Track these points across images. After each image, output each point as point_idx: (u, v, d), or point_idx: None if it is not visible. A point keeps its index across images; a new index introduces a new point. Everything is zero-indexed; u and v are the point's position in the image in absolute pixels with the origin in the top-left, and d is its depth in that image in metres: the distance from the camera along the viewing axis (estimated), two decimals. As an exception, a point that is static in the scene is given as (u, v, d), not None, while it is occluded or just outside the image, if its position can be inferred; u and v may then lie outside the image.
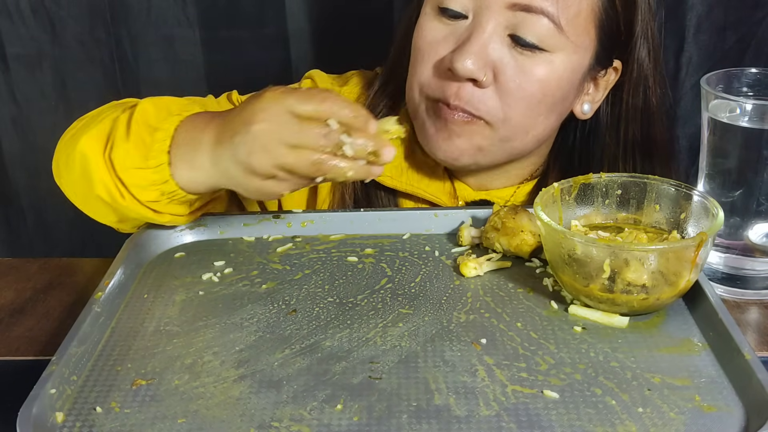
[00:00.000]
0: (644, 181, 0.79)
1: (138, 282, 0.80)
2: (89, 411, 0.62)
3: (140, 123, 0.80)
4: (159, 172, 0.78)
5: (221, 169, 0.75)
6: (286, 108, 0.71)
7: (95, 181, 0.80)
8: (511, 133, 0.90)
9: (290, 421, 0.60)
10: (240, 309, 0.75)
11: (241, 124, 0.73)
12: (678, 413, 0.61)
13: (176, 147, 0.78)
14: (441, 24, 0.89)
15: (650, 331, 0.70)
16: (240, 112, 0.75)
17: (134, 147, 0.79)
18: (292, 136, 0.71)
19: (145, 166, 0.78)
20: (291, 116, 0.71)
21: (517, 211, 0.82)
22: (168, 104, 0.84)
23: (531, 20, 0.85)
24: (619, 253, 0.69)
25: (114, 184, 0.79)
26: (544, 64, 0.87)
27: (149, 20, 1.33)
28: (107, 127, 0.82)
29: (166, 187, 0.78)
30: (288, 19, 1.32)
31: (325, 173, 0.72)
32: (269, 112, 0.72)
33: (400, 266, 0.81)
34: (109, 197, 0.80)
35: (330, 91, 0.74)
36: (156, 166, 0.78)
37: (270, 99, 0.73)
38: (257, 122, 0.72)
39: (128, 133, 0.79)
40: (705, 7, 1.26)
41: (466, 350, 0.68)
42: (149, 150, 0.78)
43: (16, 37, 1.35)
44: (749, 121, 0.79)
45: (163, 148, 0.78)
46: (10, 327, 0.80)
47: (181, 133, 0.78)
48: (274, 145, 0.71)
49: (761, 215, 0.81)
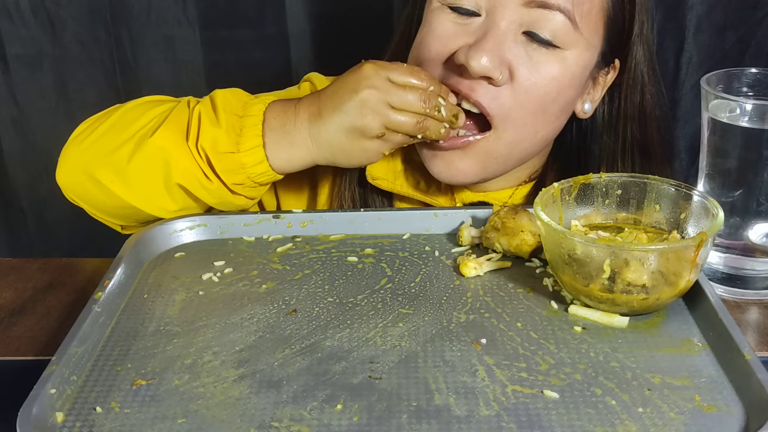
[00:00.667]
0: (644, 181, 0.79)
1: (138, 282, 0.80)
2: (89, 411, 0.62)
3: (228, 111, 0.86)
4: (252, 155, 0.85)
5: (323, 140, 0.84)
6: (387, 75, 0.82)
7: (177, 168, 0.85)
8: (517, 135, 0.90)
9: (290, 421, 0.60)
10: (240, 309, 0.75)
11: (346, 92, 0.83)
12: (678, 413, 0.61)
13: (269, 130, 0.85)
14: (451, 21, 0.89)
15: (650, 331, 0.70)
16: (341, 84, 0.84)
17: (225, 133, 0.85)
18: (398, 99, 0.82)
19: (236, 150, 0.85)
20: (391, 83, 0.82)
21: (517, 211, 0.82)
22: (241, 95, 0.90)
23: (547, 17, 0.85)
24: (619, 253, 0.69)
25: (201, 169, 0.85)
26: (558, 62, 0.87)
27: (149, 20, 1.33)
28: (182, 118, 0.87)
29: (257, 168, 0.85)
30: (288, 19, 1.32)
31: (426, 129, 0.84)
32: (372, 80, 0.82)
33: (400, 266, 0.81)
34: (195, 183, 0.86)
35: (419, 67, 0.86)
36: (249, 149, 0.85)
37: (371, 69, 0.82)
38: (364, 88, 0.81)
39: (218, 120, 0.86)
40: (705, 7, 1.26)
41: (466, 350, 0.68)
42: (240, 135, 0.85)
43: (16, 37, 1.35)
44: (749, 121, 0.79)
45: (256, 132, 0.85)
46: (10, 327, 0.80)
47: (270, 118, 0.86)
48: (382, 107, 0.81)
49: (761, 215, 0.81)
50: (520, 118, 0.88)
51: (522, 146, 0.92)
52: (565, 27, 0.85)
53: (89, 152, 0.89)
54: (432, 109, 0.83)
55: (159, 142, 0.85)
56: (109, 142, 0.88)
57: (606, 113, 0.97)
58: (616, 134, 0.97)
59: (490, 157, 0.91)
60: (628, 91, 0.96)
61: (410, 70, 0.83)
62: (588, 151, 0.98)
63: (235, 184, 0.86)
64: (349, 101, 0.82)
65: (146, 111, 0.89)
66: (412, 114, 0.82)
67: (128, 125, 0.88)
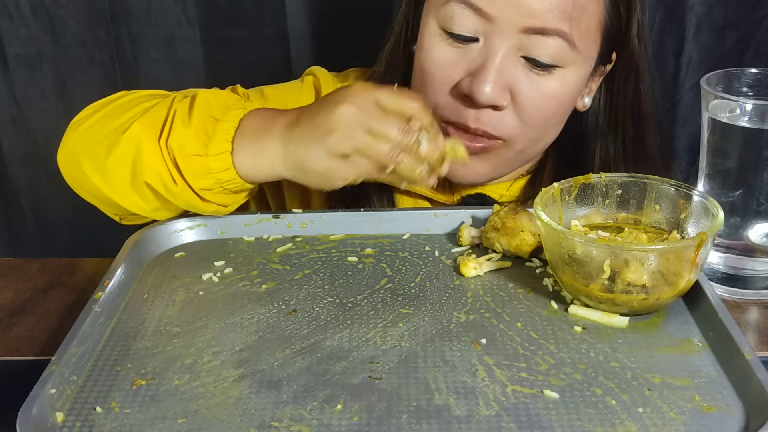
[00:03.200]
0: (644, 181, 0.79)
1: (138, 282, 0.80)
2: (89, 411, 0.62)
3: (202, 112, 0.82)
4: (220, 160, 0.80)
5: (290, 151, 0.79)
6: (375, 98, 0.76)
7: (145, 167, 0.81)
8: (526, 145, 0.93)
9: (290, 421, 0.60)
10: (240, 309, 0.75)
11: (326, 105, 0.77)
12: (678, 413, 0.61)
13: (240, 136, 0.81)
14: (450, 47, 0.88)
15: (650, 331, 0.70)
16: (327, 98, 0.79)
17: (195, 135, 0.81)
18: (376, 124, 0.75)
19: (204, 154, 0.80)
20: (377, 106, 0.76)
21: (517, 211, 0.82)
22: (226, 98, 0.86)
23: (545, 42, 0.85)
24: (619, 253, 0.69)
25: (168, 170, 0.81)
26: (558, 80, 0.88)
27: (149, 20, 1.33)
28: (161, 115, 0.83)
29: (224, 175, 0.81)
30: (288, 19, 1.32)
31: (397, 164, 0.76)
32: (358, 98, 0.76)
33: (400, 266, 0.81)
34: (159, 183, 0.81)
35: (417, 95, 0.78)
36: (217, 153, 0.80)
37: (360, 88, 0.77)
38: (344, 103, 0.76)
39: (190, 121, 0.82)
40: (705, 7, 1.26)
41: (466, 350, 0.68)
42: (210, 138, 0.81)
43: (16, 37, 1.35)
44: (749, 121, 0.79)
45: (227, 137, 0.80)
46: (10, 327, 0.80)
47: (246, 124, 0.81)
48: (356, 127, 0.75)
49: (761, 215, 0.81)
50: (526, 132, 0.91)
51: (529, 151, 0.95)
52: (563, 49, 0.86)
53: (80, 140, 0.88)
54: (411, 142, 0.76)
55: (132, 137, 0.82)
56: (96, 133, 0.86)
57: (602, 101, 0.98)
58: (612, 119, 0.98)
59: (501, 159, 0.93)
60: (624, 77, 0.96)
61: (401, 96, 0.77)
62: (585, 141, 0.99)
63: (203, 189, 0.82)
64: (326, 114, 0.77)
65: (137, 105, 0.87)
66: (386, 141, 0.76)
67: (116, 118, 0.86)
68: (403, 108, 0.76)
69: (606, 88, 0.97)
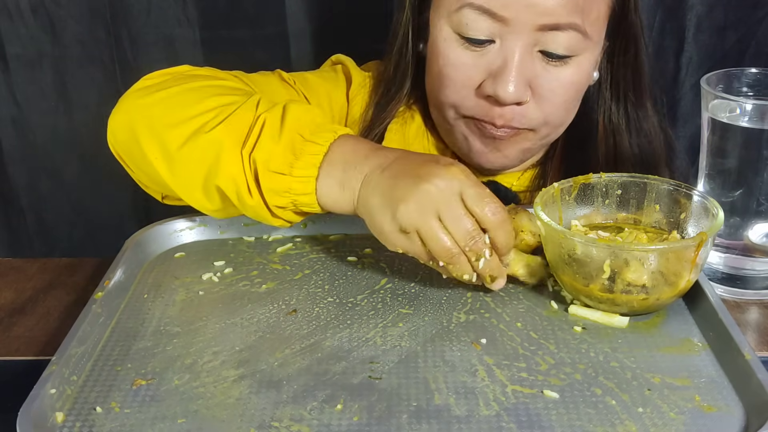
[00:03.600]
0: (644, 181, 0.79)
1: (138, 282, 0.80)
2: (89, 411, 0.62)
3: (292, 129, 0.78)
4: (303, 183, 0.77)
5: (365, 195, 0.75)
6: (463, 190, 0.72)
7: (222, 172, 0.78)
8: (551, 130, 0.96)
9: (290, 421, 0.60)
10: (240, 309, 0.75)
11: (415, 176, 0.73)
12: (678, 413, 0.61)
13: (329, 164, 0.77)
14: (467, 51, 0.90)
15: (650, 331, 0.70)
16: (419, 163, 0.74)
17: (282, 152, 0.77)
18: (449, 216, 0.71)
19: (288, 173, 0.77)
20: (460, 199, 0.72)
21: (517, 211, 0.82)
22: (315, 115, 0.82)
23: (559, 36, 0.88)
24: (619, 253, 0.69)
25: (245, 181, 0.78)
26: (574, 68, 0.91)
27: (149, 20, 1.33)
28: (246, 122, 0.79)
29: (304, 198, 0.78)
30: (288, 19, 1.32)
31: (449, 263, 0.72)
32: (447, 182, 0.72)
33: (400, 266, 0.81)
34: (234, 192, 0.78)
35: (502, 207, 0.73)
36: (302, 176, 0.77)
37: (456, 172, 0.72)
38: (429, 182, 0.71)
39: (280, 137, 0.78)
40: (705, 7, 1.26)
41: (466, 350, 0.68)
42: (297, 159, 0.77)
43: (16, 37, 1.34)
44: (749, 121, 0.79)
45: (315, 162, 0.77)
46: (10, 327, 0.80)
47: (337, 152, 0.77)
48: (428, 211, 0.71)
49: (761, 215, 0.81)
50: (550, 120, 0.94)
51: (553, 134, 0.98)
52: (576, 39, 0.88)
53: (144, 114, 0.83)
54: (472, 251, 0.72)
55: (214, 140, 0.78)
56: (166, 114, 0.82)
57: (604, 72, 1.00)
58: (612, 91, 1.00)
59: (528, 144, 0.97)
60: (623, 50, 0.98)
61: (489, 202, 0.72)
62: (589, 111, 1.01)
63: (277, 206, 0.79)
64: (412, 180, 0.72)
65: (213, 95, 0.83)
66: (449, 238, 0.71)
67: (190, 105, 0.81)
68: (484, 216, 0.72)
69: (608, 59, 0.99)
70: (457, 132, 0.96)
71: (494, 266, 0.73)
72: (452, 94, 0.92)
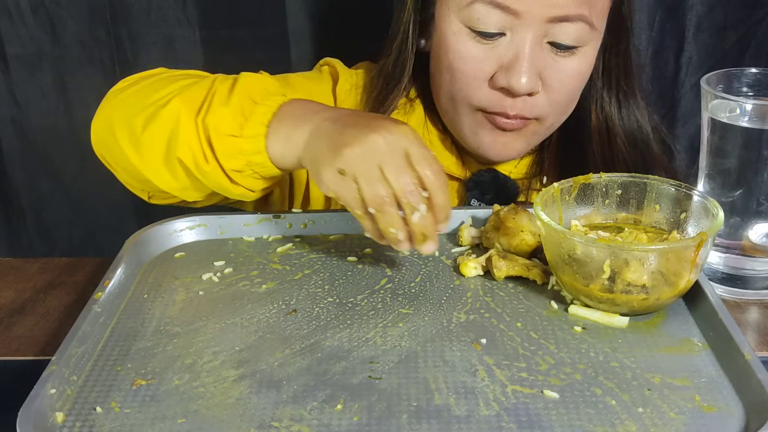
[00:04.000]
0: (644, 181, 0.79)
1: (138, 282, 0.80)
2: (89, 411, 0.62)
3: (242, 94, 0.83)
4: (253, 143, 0.80)
5: (311, 142, 0.78)
6: (407, 146, 0.73)
7: (180, 142, 0.82)
8: (556, 119, 0.99)
9: (290, 421, 0.60)
10: (240, 309, 0.75)
11: (367, 123, 0.75)
12: (678, 413, 0.61)
13: (277, 121, 0.81)
14: (478, 44, 0.92)
15: (650, 331, 0.70)
16: (375, 117, 0.79)
17: (232, 115, 0.81)
18: (391, 167, 0.72)
19: (239, 135, 0.81)
20: (405, 155, 0.73)
21: (517, 211, 0.82)
22: (268, 84, 0.86)
23: (568, 27, 0.90)
24: (619, 253, 0.69)
25: (201, 147, 0.81)
26: (580, 59, 0.93)
27: (149, 20, 1.33)
28: (201, 93, 0.84)
29: (256, 158, 0.81)
30: (288, 19, 1.32)
31: (379, 211, 0.73)
32: (395, 137, 0.73)
33: (400, 266, 0.81)
34: (191, 160, 0.82)
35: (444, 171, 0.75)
36: (251, 135, 0.80)
37: (405, 130, 0.75)
38: (378, 133, 0.73)
39: (229, 100, 0.82)
40: (705, 7, 1.27)
41: (466, 350, 0.68)
42: (247, 120, 0.81)
43: (16, 37, 1.35)
44: (749, 121, 0.79)
45: (263, 120, 0.81)
46: (10, 327, 0.80)
47: (285, 111, 0.81)
48: (371, 158, 0.73)
49: (761, 215, 0.81)
50: (556, 109, 0.97)
51: (557, 123, 1.00)
52: (584, 31, 0.91)
53: (117, 110, 0.88)
54: (408, 205, 0.73)
55: (172, 111, 0.82)
56: (134, 104, 0.86)
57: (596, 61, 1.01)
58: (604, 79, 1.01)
59: (534, 135, 0.99)
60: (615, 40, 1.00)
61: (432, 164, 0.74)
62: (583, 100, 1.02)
63: (233, 170, 0.82)
64: (360, 130, 0.74)
65: (177, 81, 0.87)
66: (386, 186, 0.72)
67: (155, 91, 0.86)
68: (425, 175, 0.73)
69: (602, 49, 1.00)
70: (466, 124, 0.98)
71: (428, 225, 0.73)
72: (464, 86, 0.94)
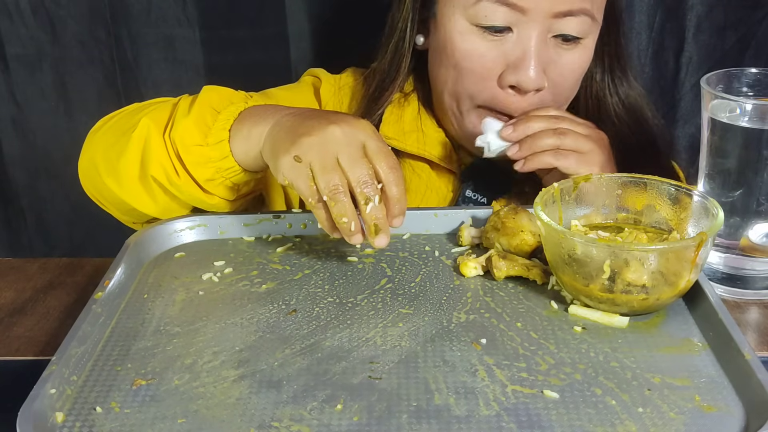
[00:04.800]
0: (644, 181, 0.79)
1: (138, 282, 0.80)
2: (89, 411, 0.62)
3: (204, 105, 0.86)
4: (218, 149, 0.83)
5: (271, 134, 0.79)
6: (364, 139, 0.75)
7: (152, 160, 0.84)
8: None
9: (290, 421, 0.60)
10: (240, 309, 0.75)
11: (326, 116, 0.78)
12: (678, 413, 0.61)
13: (238, 123, 0.83)
14: (485, 41, 0.92)
15: (650, 331, 0.70)
16: (331, 113, 0.81)
17: (195, 125, 0.84)
18: (347, 157, 0.74)
19: (204, 143, 0.83)
20: (361, 147, 0.75)
21: (517, 211, 0.82)
22: (230, 95, 0.90)
23: (572, 21, 0.92)
24: (619, 253, 0.69)
25: (171, 162, 0.84)
26: (582, 50, 0.95)
27: (149, 20, 1.33)
28: (167, 111, 0.87)
29: (224, 163, 0.83)
30: (288, 19, 1.32)
31: (332, 200, 0.74)
32: (353, 129, 0.76)
33: (400, 266, 0.81)
34: (164, 176, 0.84)
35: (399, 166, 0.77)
36: (216, 143, 0.83)
37: (363, 124, 0.77)
38: (337, 125, 0.76)
39: (190, 112, 0.85)
40: (705, 7, 1.27)
41: (466, 350, 0.68)
42: (210, 128, 0.84)
43: (16, 37, 1.34)
44: (749, 121, 0.79)
45: (226, 126, 0.83)
46: (10, 327, 0.80)
47: (246, 114, 0.84)
48: (328, 148, 0.74)
49: (761, 215, 0.81)
50: (559, 101, 0.98)
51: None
52: (587, 24, 0.92)
53: (97, 146, 0.91)
54: (362, 194, 0.74)
55: (142, 132, 0.85)
56: (110, 137, 0.89)
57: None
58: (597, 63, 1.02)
59: None
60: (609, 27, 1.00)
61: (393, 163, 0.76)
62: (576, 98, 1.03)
63: (205, 180, 0.84)
64: (318, 121, 0.76)
65: (146, 107, 0.90)
66: (341, 175, 0.74)
67: (127, 121, 0.89)
68: (381, 168, 0.75)
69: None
70: (469, 121, 0.98)
71: (381, 216, 0.75)
72: (471, 85, 0.95)
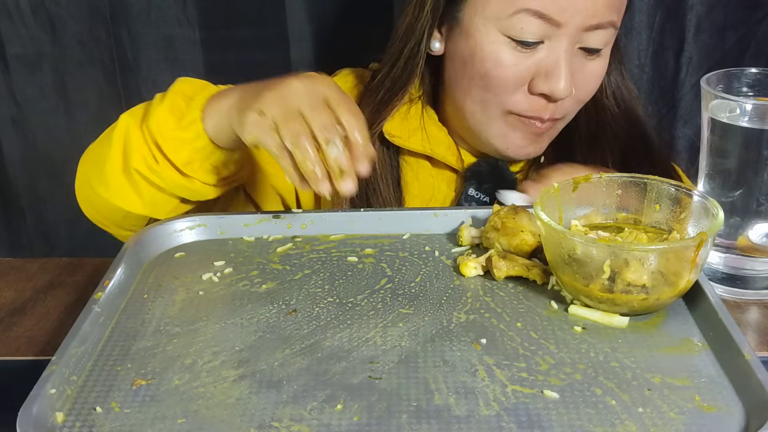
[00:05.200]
0: (644, 181, 0.79)
1: (138, 282, 0.80)
2: (89, 411, 0.62)
3: (176, 93, 0.89)
4: (192, 130, 0.86)
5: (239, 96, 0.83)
6: (326, 92, 0.79)
7: (133, 152, 0.87)
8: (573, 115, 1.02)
9: (290, 421, 0.60)
10: (240, 309, 0.75)
11: (287, 77, 0.81)
12: (678, 413, 0.61)
13: (210, 103, 0.86)
14: (517, 52, 0.94)
15: (650, 331, 0.70)
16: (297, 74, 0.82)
17: (169, 112, 0.87)
18: (309, 106, 0.77)
19: (178, 127, 0.86)
20: (323, 100, 0.78)
21: (517, 211, 0.82)
22: (203, 84, 0.92)
23: (600, 34, 0.93)
24: (619, 253, 0.69)
25: (150, 150, 0.87)
26: (603, 59, 0.98)
27: (149, 20, 1.33)
28: (143, 106, 0.91)
29: (198, 143, 0.86)
30: (288, 19, 1.32)
31: (295, 146, 0.76)
32: (315, 85, 0.79)
33: (400, 266, 0.81)
34: (145, 166, 0.87)
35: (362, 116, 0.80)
36: (189, 123, 0.86)
37: (324, 80, 0.81)
38: (299, 81, 0.79)
39: (163, 101, 0.88)
40: (705, 7, 1.27)
41: (466, 350, 0.68)
42: (184, 113, 0.86)
43: (16, 37, 1.35)
44: (749, 121, 0.79)
45: (198, 107, 0.86)
46: (10, 327, 0.80)
47: (217, 96, 0.87)
48: (291, 100, 0.78)
49: (761, 215, 0.81)
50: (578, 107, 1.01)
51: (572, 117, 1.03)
52: (611, 34, 0.95)
53: (87, 162, 0.94)
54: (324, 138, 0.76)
55: (120, 128, 0.88)
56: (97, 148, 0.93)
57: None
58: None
59: (556, 132, 1.02)
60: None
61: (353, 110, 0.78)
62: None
63: (185, 163, 0.87)
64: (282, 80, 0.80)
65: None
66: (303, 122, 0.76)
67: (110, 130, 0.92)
68: (341, 113, 0.77)
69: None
70: (496, 128, 0.99)
71: (345, 160, 0.76)
72: (501, 93, 0.96)
